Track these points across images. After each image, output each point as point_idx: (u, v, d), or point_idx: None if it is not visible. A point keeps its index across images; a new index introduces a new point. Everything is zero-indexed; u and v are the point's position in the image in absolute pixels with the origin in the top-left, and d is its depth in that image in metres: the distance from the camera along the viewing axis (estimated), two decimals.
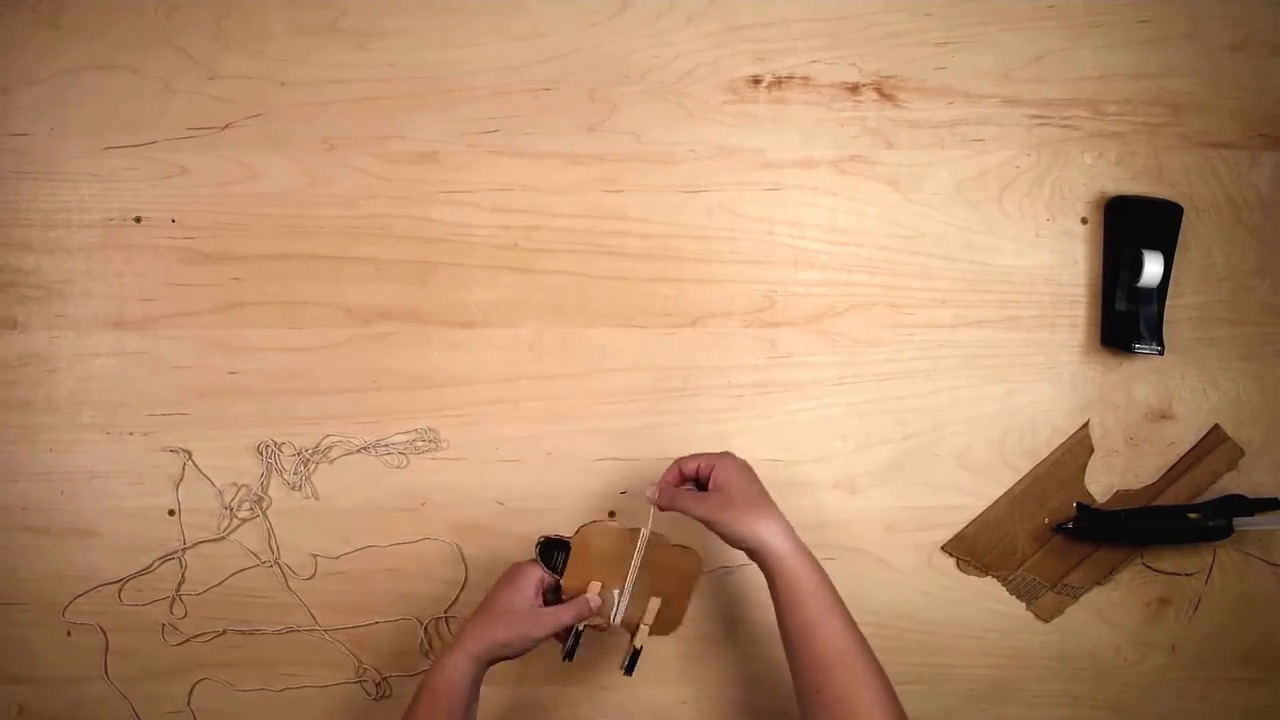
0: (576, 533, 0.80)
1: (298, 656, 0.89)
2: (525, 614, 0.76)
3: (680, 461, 0.79)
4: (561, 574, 0.80)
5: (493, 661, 0.75)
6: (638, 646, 0.79)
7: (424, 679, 0.75)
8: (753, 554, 0.74)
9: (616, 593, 0.80)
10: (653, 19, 0.90)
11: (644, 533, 0.79)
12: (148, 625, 0.89)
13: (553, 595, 0.80)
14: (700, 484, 0.78)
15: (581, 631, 0.79)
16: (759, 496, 0.75)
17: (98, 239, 0.89)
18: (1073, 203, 0.90)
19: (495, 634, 0.75)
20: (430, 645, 0.89)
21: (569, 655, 0.79)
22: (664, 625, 0.80)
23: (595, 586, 0.79)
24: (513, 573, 0.79)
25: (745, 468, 0.77)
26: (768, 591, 0.89)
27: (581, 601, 0.78)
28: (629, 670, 0.79)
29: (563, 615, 0.77)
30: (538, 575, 0.78)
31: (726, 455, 0.78)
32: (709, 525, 0.75)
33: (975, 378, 0.90)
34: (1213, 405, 0.90)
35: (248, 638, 0.89)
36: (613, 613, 0.80)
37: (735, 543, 0.74)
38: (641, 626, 0.79)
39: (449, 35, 0.90)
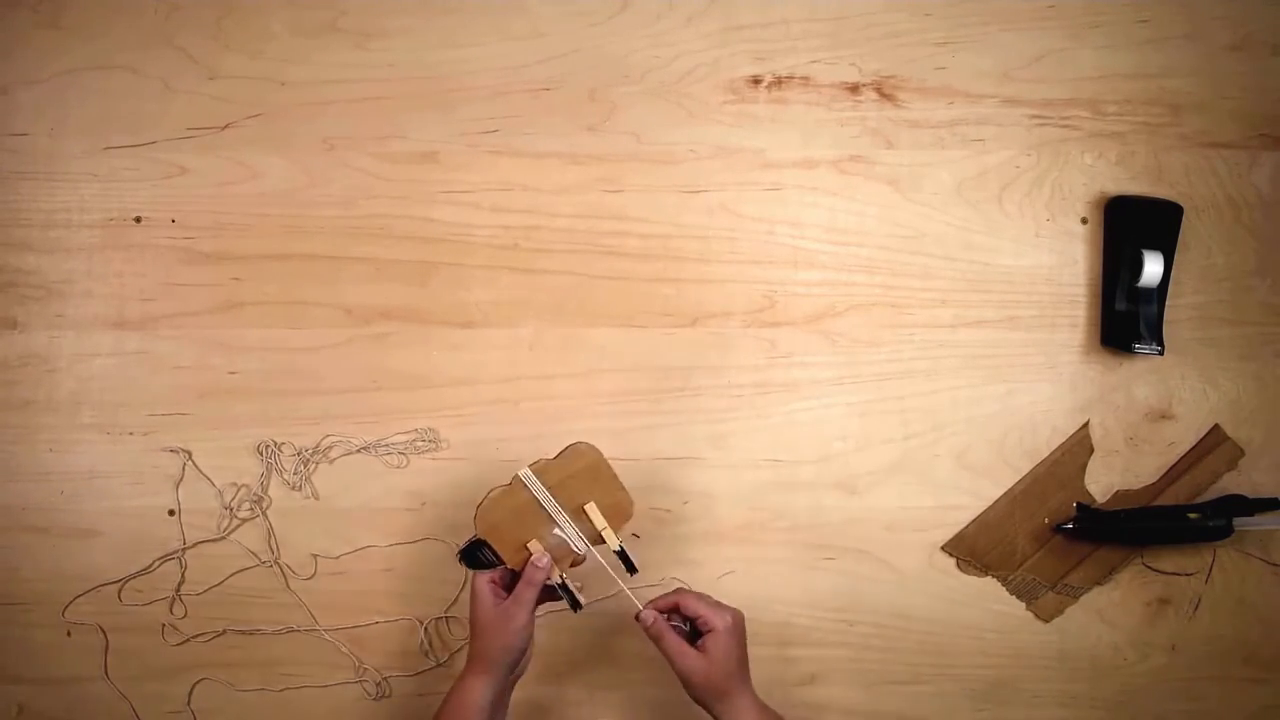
0: (477, 523, 0.79)
1: (298, 656, 0.89)
2: (497, 618, 0.76)
3: (684, 601, 0.78)
4: (501, 562, 0.79)
5: (508, 674, 0.76)
6: (615, 549, 0.79)
7: (440, 709, 0.76)
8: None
9: (557, 531, 0.79)
10: (653, 19, 0.90)
11: (524, 473, 0.78)
12: (148, 625, 0.89)
13: (513, 579, 0.79)
14: (691, 624, 0.78)
15: (564, 582, 0.79)
16: (736, 673, 0.76)
17: (98, 239, 0.89)
18: (1073, 203, 0.90)
19: (488, 649, 0.76)
20: (430, 645, 0.89)
21: (574, 606, 0.79)
22: (619, 516, 0.80)
23: (535, 545, 0.78)
24: (471, 591, 0.78)
25: (739, 642, 0.77)
26: (767, 591, 0.89)
27: (529, 568, 0.77)
28: (631, 569, 0.79)
29: (524, 592, 0.77)
30: (485, 579, 0.78)
31: (729, 622, 0.76)
32: (680, 678, 0.76)
33: (975, 378, 0.90)
34: (1213, 405, 0.90)
35: (248, 638, 0.89)
36: (573, 545, 0.79)
37: (700, 705, 0.77)
38: (603, 534, 0.79)
39: (449, 35, 0.90)
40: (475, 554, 0.79)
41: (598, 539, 0.79)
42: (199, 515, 0.89)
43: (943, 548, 0.90)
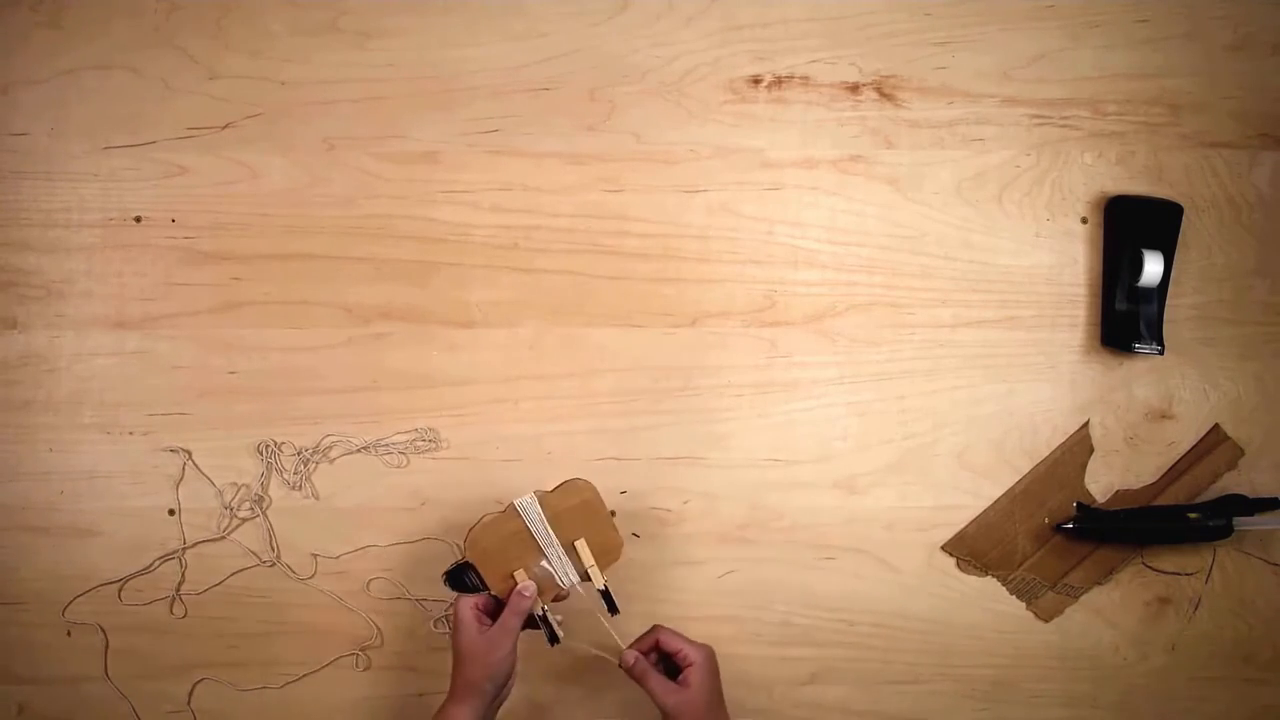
0: (466, 547, 0.79)
1: (298, 656, 0.89)
2: (481, 645, 0.76)
3: (662, 636, 0.79)
4: (486, 587, 0.79)
5: (491, 701, 0.76)
6: (600, 587, 0.80)
7: None
8: None
9: (545, 563, 0.79)
10: (653, 19, 0.90)
11: (519, 502, 0.78)
12: (148, 625, 0.89)
13: (497, 607, 0.79)
14: (669, 661, 0.79)
15: (545, 614, 0.79)
16: (718, 704, 0.78)
17: (98, 239, 0.89)
18: (1073, 202, 0.90)
19: (470, 678, 0.75)
20: (431, 645, 0.89)
21: (552, 640, 0.79)
22: (607, 555, 0.80)
23: (521, 575, 0.78)
24: (455, 617, 0.78)
25: (715, 672, 0.79)
26: (767, 591, 0.89)
27: (516, 596, 0.78)
28: (613, 609, 0.80)
29: (508, 620, 0.77)
30: (469, 604, 0.77)
31: (705, 654, 0.78)
32: (665, 714, 0.77)
33: (975, 378, 0.90)
34: (1213, 405, 0.90)
35: (248, 638, 0.89)
36: (559, 579, 0.79)
37: None
38: (590, 571, 0.79)
39: (449, 35, 0.90)
40: (461, 577, 0.79)
41: (584, 576, 0.80)
42: (199, 515, 0.89)
43: (943, 548, 0.90)
